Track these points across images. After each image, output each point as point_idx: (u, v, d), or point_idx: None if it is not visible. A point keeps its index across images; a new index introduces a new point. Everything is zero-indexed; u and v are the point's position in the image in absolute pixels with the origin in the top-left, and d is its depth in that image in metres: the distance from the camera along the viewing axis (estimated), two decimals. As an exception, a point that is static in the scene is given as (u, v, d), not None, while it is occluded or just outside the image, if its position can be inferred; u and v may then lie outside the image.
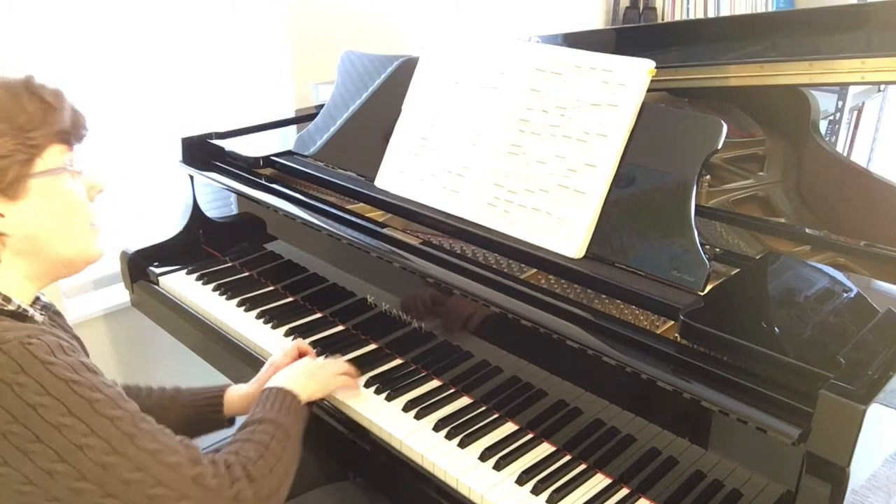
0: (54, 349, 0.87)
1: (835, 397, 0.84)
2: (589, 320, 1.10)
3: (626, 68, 1.24)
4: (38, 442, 0.83)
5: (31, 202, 0.94)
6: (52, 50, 1.80)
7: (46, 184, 0.95)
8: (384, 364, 1.39)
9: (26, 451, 0.83)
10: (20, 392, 0.83)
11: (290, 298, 1.64)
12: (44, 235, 0.96)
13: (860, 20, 1.49)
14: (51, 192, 0.95)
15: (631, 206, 1.21)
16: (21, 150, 0.91)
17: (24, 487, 0.84)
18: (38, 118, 0.93)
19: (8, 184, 0.91)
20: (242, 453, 0.98)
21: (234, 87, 2.22)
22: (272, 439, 1.03)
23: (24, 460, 0.83)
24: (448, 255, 1.29)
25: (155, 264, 1.80)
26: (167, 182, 2.01)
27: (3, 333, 0.86)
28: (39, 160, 0.94)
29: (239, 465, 0.95)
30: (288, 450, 1.05)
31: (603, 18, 3.45)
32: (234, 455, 0.97)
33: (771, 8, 3.59)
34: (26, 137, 0.92)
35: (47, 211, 0.95)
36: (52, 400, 0.83)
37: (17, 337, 0.86)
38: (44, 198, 0.95)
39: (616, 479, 1.11)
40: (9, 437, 0.83)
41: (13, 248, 0.95)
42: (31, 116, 0.93)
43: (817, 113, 1.70)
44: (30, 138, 0.92)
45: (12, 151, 0.91)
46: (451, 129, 1.44)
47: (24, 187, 0.93)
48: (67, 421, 0.84)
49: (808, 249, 1.30)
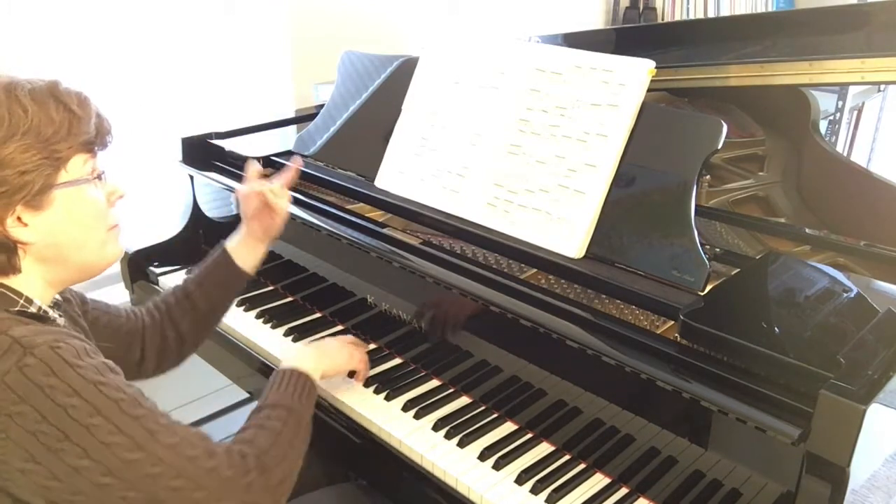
0: (80, 352, 0.90)
1: (835, 397, 0.84)
2: (589, 320, 1.10)
3: (626, 68, 1.24)
4: (66, 440, 0.85)
5: (54, 211, 0.94)
6: (52, 49, 1.80)
7: (70, 194, 0.95)
8: (384, 364, 1.39)
9: (55, 450, 0.85)
10: (51, 394, 0.85)
11: (289, 298, 1.64)
12: (66, 243, 0.97)
13: (860, 20, 1.49)
14: (74, 201, 0.96)
15: (631, 206, 1.21)
16: (47, 164, 0.92)
17: (49, 483, 0.86)
18: (65, 129, 0.93)
19: (33, 196, 0.92)
20: (256, 443, 1.01)
21: (234, 87, 2.22)
22: (284, 425, 1.05)
23: (53, 458, 0.85)
24: (448, 255, 1.29)
25: (155, 264, 1.80)
26: (167, 182, 2.01)
27: (33, 338, 0.88)
28: (63, 171, 0.94)
29: (252, 456, 0.98)
30: (300, 434, 1.07)
31: (603, 18, 3.45)
32: (247, 445, 1.00)
33: (771, 8, 3.60)
34: (52, 150, 0.92)
35: (70, 220, 0.96)
36: (82, 401, 0.86)
37: (46, 341, 0.88)
38: (67, 207, 0.95)
39: (615, 478, 1.12)
40: (38, 435, 0.85)
41: (35, 254, 0.95)
42: (58, 128, 0.93)
43: (817, 113, 1.70)
44: (56, 151, 0.92)
45: (38, 165, 0.91)
46: (451, 129, 1.44)
47: (49, 198, 0.93)
48: (96, 420, 0.86)
49: (808, 249, 1.30)
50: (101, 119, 1.00)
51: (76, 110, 0.95)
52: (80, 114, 0.95)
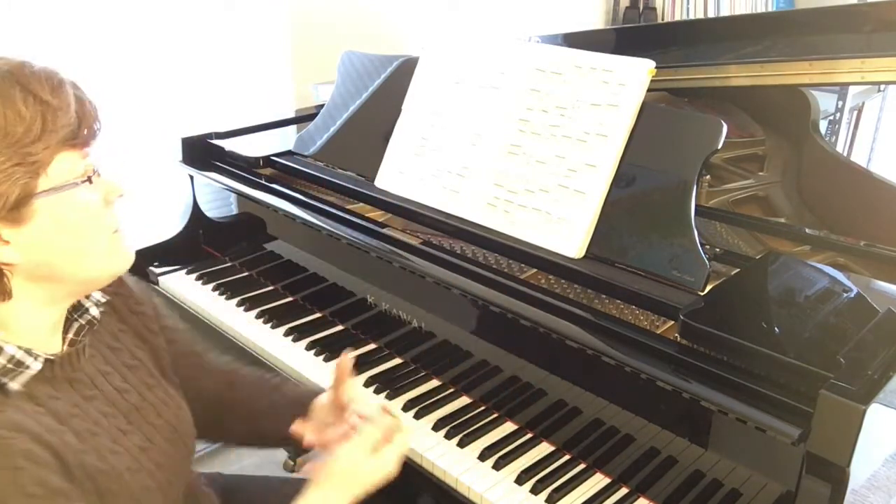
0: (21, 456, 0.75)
1: (835, 397, 0.84)
2: (589, 320, 1.10)
3: (627, 68, 1.24)
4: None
5: (40, 224, 0.79)
6: (52, 49, 1.80)
7: (55, 201, 0.80)
8: (384, 364, 1.39)
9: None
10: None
11: (289, 298, 1.64)
12: (59, 259, 0.82)
13: (860, 20, 1.49)
14: (61, 209, 0.81)
15: (631, 206, 1.21)
16: (21, 170, 0.77)
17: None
18: (38, 126, 0.78)
19: (8, 210, 0.77)
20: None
21: (234, 88, 2.22)
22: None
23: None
24: (448, 255, 1.29)
25: (155, 264, 1.79)
26: (167, 182, 2.01)
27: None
28: (44, 177, 0.79)
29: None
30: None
31: (603, 18, 3.45)
32: None
33: (771, 8, 3.59)
34: (26, 154, 0.77)
35: (59, 231, 0.81)
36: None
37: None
38: (53, 218, 0.80)
39: (615, 478, 1.11)
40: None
41: (25, 275, 0.81)
42: (29, 125, 0.77)
43: (817, 113, 1.70)
44: (30, 154, 0.77)
45: (10, 173, 0.76)
46: (451, 129, 1.44)
47: (29, 210, 0.78)
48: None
49: (808, 249, 1.30)
50: (83, 102, 0.84)
51: (49, 100, 0.79)
52: (54, 103, 0.79)
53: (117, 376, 0.95)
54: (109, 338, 0.97)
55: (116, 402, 0.92)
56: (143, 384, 0.98)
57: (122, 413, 0.92)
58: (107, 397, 0.92)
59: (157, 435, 0.95)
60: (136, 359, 0.99)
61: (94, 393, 0.90)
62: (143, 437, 0.93)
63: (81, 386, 0.89)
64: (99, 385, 0.91)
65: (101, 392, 0.91)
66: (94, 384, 0.91)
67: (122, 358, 0.97)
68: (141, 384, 0.97)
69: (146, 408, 0.96)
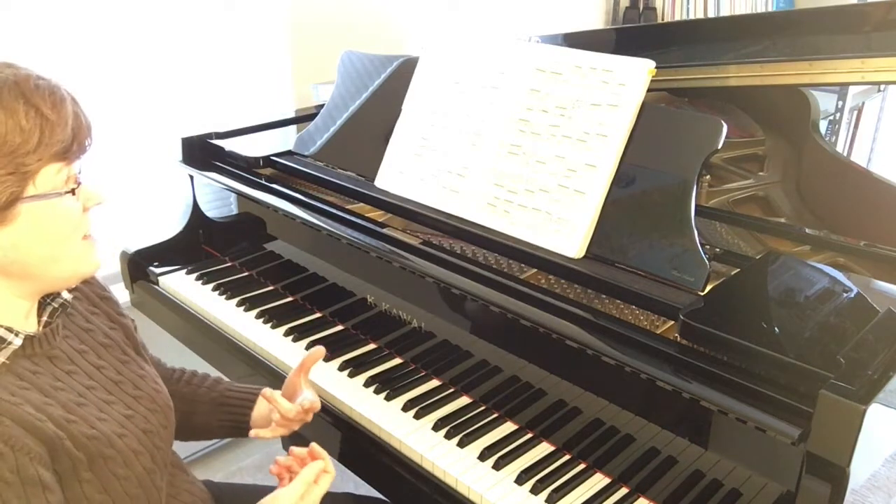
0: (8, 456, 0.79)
1: (835, 397, 0.84)
2: (589, 320, 1.10)
3: (626, 68, 1.24)
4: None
5: (19, 226, 0.84)
6: (51, 49, 1.80)
7: (38, 207, 0.85)
8: (383, 364, 1.39)
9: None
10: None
11: (289, 298, 1.64)
12: (34, 260, 0.87)
13: (860, 20, 1.49)
14: (42, 215, 0.86)
15: (631, 206, 1.21)
16: (12, 179, 0.82)
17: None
18: (35, 139, 0.82)
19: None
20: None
21: (234, 88, 2.22)
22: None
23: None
24: (448, 255, 1.29)
25: (155, 264, 1.80)
26: (167, 182, 2.01)
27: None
28: (32, 185, 0.84)
29: None
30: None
31: (603, 18, 3.45)
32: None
33: (771, 8, 3.59)
34: (19, 164, 0.82)
35: (37, 235, 0.86)
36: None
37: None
38: (34, 222, 0.85)
39: (615, 478, 1.11)
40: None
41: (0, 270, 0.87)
42: (27, 137, 0.82)
43: (817, 113, 1.70)
44: (23, 164, 0.82)
45: (2, 181, 0.81)
46: (451, 130, 1.44)
47: (13, 212, 0.83)
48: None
49: (808, 249, 1.30)
50: (80, 120, 0.89)
51: (49, 115, 0.84)
52: (53, 118, 0.84)
53: (93, 354, 1.00)
54: (82, 320, 1.03)
55: (95, 377, 0.98)
56: (118, 361, 1.04)
57: (102, 386, 0.98)
58: (86, 373, 0.97)
59: (138, 405, 1.01)
60: (109, 338, 1.05)
61: (73, 368, 0.95)
62: (125, 406, 0.99)
63: (61, 362, 0.95)
64: (77, 362, 0.97)
65: (79, 368, 0.97)
66: (72, 361, 0.96)
67: (96, 338, 1.03)
68: (116, 361, 1.04)
69: (124, 382, 1.02)
